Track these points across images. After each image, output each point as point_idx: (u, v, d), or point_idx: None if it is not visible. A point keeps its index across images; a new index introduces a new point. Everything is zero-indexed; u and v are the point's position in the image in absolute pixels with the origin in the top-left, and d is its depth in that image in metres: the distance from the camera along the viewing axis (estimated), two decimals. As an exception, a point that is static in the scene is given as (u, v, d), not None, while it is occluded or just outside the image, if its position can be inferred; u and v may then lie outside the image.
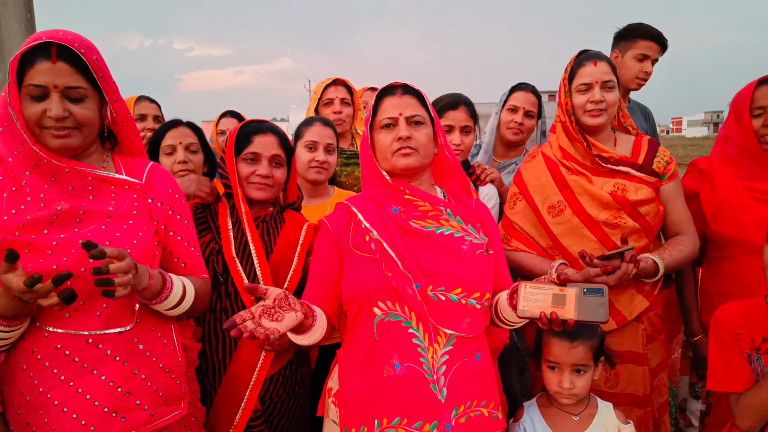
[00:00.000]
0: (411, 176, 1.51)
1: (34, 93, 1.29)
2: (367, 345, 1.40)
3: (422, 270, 1.39)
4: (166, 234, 1.48)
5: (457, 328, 1.37)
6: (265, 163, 1.77)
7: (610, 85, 1.89)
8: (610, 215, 1.88)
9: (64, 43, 1.28)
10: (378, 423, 1.36)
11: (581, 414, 1.63)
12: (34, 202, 1.31)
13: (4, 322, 1.24)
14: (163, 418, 1.40)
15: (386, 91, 1.52)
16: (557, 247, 1.96)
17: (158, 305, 1.38)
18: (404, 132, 1.45)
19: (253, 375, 1.67)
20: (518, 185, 2.08)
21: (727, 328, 1.53)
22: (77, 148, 1.37)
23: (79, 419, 1.29)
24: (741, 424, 1.48)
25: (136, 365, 1.36)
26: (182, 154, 2.15)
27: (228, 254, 1.71)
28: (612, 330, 1.89)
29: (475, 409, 1.38)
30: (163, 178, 1.52)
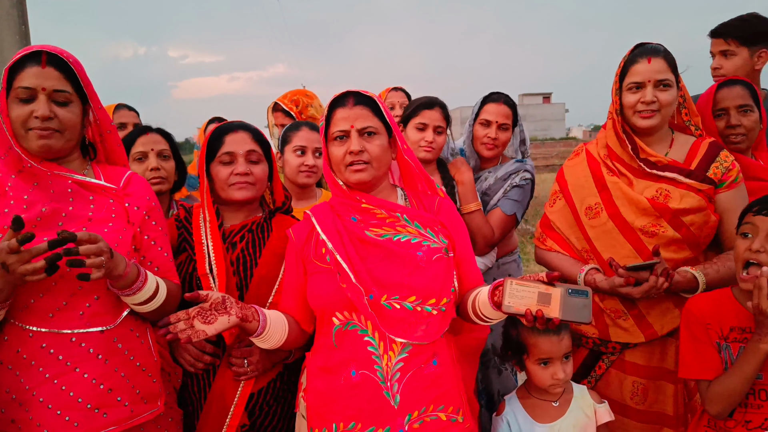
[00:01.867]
0: (367, 188, 1.52)
1: (22, 95, 1.37)
2: (328, 352, 1.44)
3: (375, 280, 1.40)
4: (141, 237, 1.52)
5: (410, 336, 1.38)
6: (242, 160, 1.69)
7: (665, 83, 1.73)
8: (647, 222, 1.76)
9: (54, 52, 1.40)
10: (336, 426, 1.40)
11: (559, 399, 1.70)
12: (17, 205, 1.36)
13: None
14: (141, 414, 1.45)
15: (338, 101, 1.50)
16: (592, 250, 1.87)
17: (131, 296, 1.41)
18: (356, 146, 1.44)
19: (238, 390, 1.64)
20: (559, 183, 2.00)
21: (697, 319, 1.56)
22: (58, 150, 1.43)
23: (63, 415, 1.33)
24: (711, 409, 1.51)
25: (117, 363, 1.41)
26: (154, 160, 2.10)
27: (201, 270, 1.65)
28: (640, 343, 1.82)
29: (431, 414, 1.39)
30: (141, 185, 1.59)
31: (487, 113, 2.31)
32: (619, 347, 1.85)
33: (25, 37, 4.61)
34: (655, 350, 1.82)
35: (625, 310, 1.80)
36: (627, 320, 1.81)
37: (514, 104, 2.35)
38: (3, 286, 1.24)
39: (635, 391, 1.83)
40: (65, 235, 1.21)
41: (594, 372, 1.90)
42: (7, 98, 1.38)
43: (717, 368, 1.51)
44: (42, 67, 1.37)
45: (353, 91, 1.51)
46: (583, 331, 1.88)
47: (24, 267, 1.20)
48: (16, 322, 1.35)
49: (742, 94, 2.04)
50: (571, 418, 1.67)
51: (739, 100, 2.03)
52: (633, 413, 1.82)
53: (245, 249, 1.71)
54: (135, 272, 1.40)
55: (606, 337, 1.85)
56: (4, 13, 4.46)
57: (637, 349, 1.83)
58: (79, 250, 1.23)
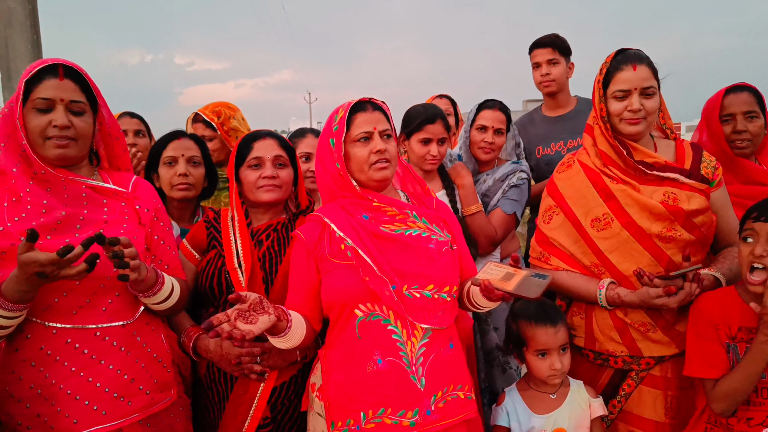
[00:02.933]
0: (384, 187, 1.62)
1: (41, 106, 1.44)
2: (350, 344, 1.50)
3: (396, 271, 1.49)
4: (152, 237, 1.61)
5: (431, 321, 1.49)
6: (269, 164, 1.81)
7: (650, 91, 1.71)
8: (663, 227, 1.71)
9: (69, 65, 1.48)
10: (364, 415, 1.46)
11: (557, 392, 1.78)
12: (35, 210, 1.42)
13: (11, 306, 1.32)
14: (160, 402, 1.55)
15: (358, 106, 1.60)
16: (604, 263, 1.78)
17: (149, 298, 1.52)
18: (381, 145, 1.55)
19: (261, 383, 1.72)
20: (554, 197, 1.90)
21: (706, 318, 1.59)
22: (73, 158, 1.51)
23: (91, 405, 1.42)
24: (716, 407, 1.54)
25: (137, 355, 1.51)
26: (183, 166, 2.11)
27: (230, 264, 1.75)
28: (674, 355, 1.76)
29: (452, 393, 1.50)
30: (147, 189, 1.68)
31: (483, 119, 2.41)
32: (653, 362, 1.77)
33: (37, 45, 4.72)
34: (683, 359, 1.72)
35: (653, 322, 1.74)
36: (656, 332, 1.74)
37: (507, 110, 2.47)
38: (29, 288, 1.31)
39: (669, 406, 1.77)
40: (111, 240, 1.30)
41: (623, 390, 1.82)
42: (23, 108, 1.44)
43: (723, 367, 1.53)
44: (60, 79, 1.45)
45: (368, 99, 1.63)
46: (610, 351, 1.80)
47: (66, 272, 1.28)
48: (37, 321, 1.42)
49: (748, 100, 2.07)
50: (567, 409, 1.74)
51: (746, 107, 2.06)
52: (668, 429, 1.77)
53: (271, 246, 1.81)
54: (153, 276, 1.50)
55: (637, 353, 1.77)
56: (17, 24, 4.57)
57: (669, 361, 1.77)
58: (124, 252, 1.32)
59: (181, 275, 1.70)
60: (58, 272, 1.27)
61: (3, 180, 1.46)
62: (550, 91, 2.88)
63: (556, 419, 1.73)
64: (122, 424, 1.45)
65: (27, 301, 1.34)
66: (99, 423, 1.41)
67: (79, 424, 1.40)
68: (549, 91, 2.88)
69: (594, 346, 1.84)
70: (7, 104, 1.47)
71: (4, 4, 4.57)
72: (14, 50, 4.60)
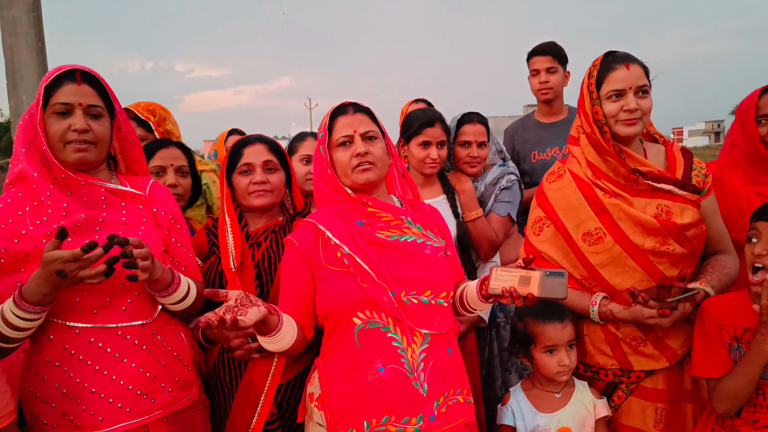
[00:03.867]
0: (371, 189, 1.60)
1: (60, 110, 1.47)
2: (349, 352, 1.48)
3: (394, 278, 1.48)
4: (169, 240, 1.64)
5: (430, 327, 1.48)
6: (259, 170, 1.83)
7: (644, 89, 1.69)
8: (656, 242, 1.68)
9: (86, 70, 1.52)
10: (367, 424, 1.44)
11: (562, 391, 1.79)
12: (56, 213, 1.46)
13: (31, 308, 1.33)
14: (181, 400, 1.57)
15: (338, 110, 1.60)
16: (595, 277, 1.76)
17: (166, 298, 1.54)
18: (361, 148, 1.53)
19: (267, 380, 1.73)
20: (544, 208, 1.85)
21: (712, 318, 1.59)
22: (92, 162, 1.54)
23: (116, 402, 1.44)
24: (718, 407, 1.55)
25: (158, 353, 1.53)
26: (173, 176, 2.10)
27: (226, 266, 1.76)
28: (664, 368, 1.76)
29: (452, 398, 1.50)
30: (163, 192, 1.71)
31: (466, 135, 2.43)
32: (643, 375, 1.78)
33: (41, 53, 4.76)
34: (674, 372, 1.77)
35: (643, 336, 1.75)
36: (647, 346, 1.75)
37: (486, 120, 2.49)
38: (50, 290, 1.33)
39: (659, 418, 1.77)
40: (120, 240, 1.32)
41: (613, 402, 1.82)
42: (43, 114, 1.47)
43: (726, 367, 1.54)
44: (78, 84, 1.49)
45: (351, 101, 1.62)
46: (600, 364, 1.81)
47: (86, 272, 1.31)
48: (59, 321, 1.44)
49: None
50: (571, 409, 1.76)
51: None
52: None
53: (269, 247, 1.83)
54: (170, 276, 1.53)
55: (628, 367, 1.77)
56: (22, 32, 4.61)
57: (660, 373, 1.77)
58: (134, 253, 1.34)
59: (198, 277, 1.72)
60: (78, 272, 1.30)
61: (25, 185, 1.49)
62: (546, 99, 2.93)
63: (560, 418, 1.75)
64: (146, 420, 1.47)
65: (46, 303, 1.35)
66: (124, 420, 1.44)
67: (105, 421, 1.42)
68: (546, 98, 2.93)
69: (585, 359, 1.85)
70: (27, 111, 1.50)
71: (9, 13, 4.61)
72: (19, 59, 4.64)
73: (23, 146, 1.49)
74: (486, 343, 2.45)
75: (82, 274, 1.30)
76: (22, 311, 1.33)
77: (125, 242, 1.33)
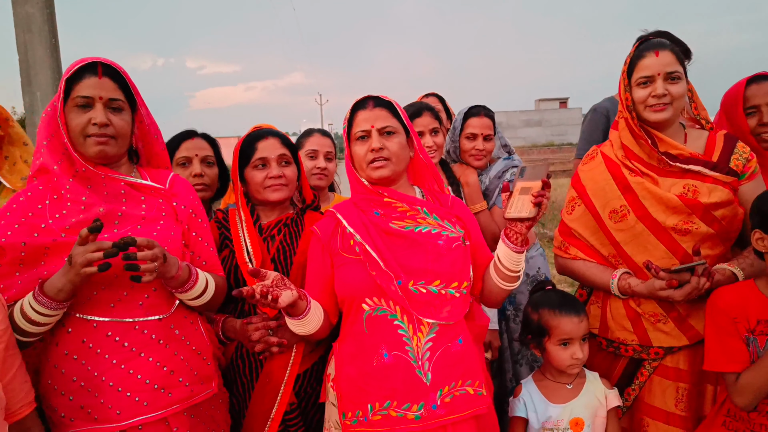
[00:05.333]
0: (388, 184, 1.63)
1: (80, 103, 1.47)
2: (358, 338, 1.53)
3: (403, 267, 1.51)
4: (189, 234, 1.64)
5: (437, 317, 1.49)
6: (274, 164, 1.83)
7: (675, 75, 1.70)
8: (679, 220, 1.70)
9: (107, 63, 1.51)
10: (371, 407, 1.49)
11: (573, 383, 1.80)
12: (75, 207, 1.47)
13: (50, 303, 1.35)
14: (200, 394, 1.57)
15: (359, 104, 1.63)
16: (620, 255, 1.81)
17: (183, 294, 1.54)
18: (376, 144, 1.56)
19: (287, 370, 1.75)
20: (576, 189, 1.92)
21: (724, 312, 1.57)
22: (112, 156, 1.54)
23: (133, 396, 1.45)
24: (739, 401, 1.53)
25: (176, 348, 1.53)
26: (198, 166, 2.11)
27: (241, 260, 1.78)
28: (684, 347, 1.77)
29: (460, 389, 1.50)
30: (184, 185, 1.70)
31: (472, 127, 2.45)
32: (662, 352, 1.79)
33: (55, 50, 4.81)
34: (698, 353, 1.74)
35: (665, 313, 1.76)
36: (667, 323, 1.76)
37: (492, 114, 2.51)
38: (63, 285, 1.34)
39: (680, 398, 1.78)
40: (127, 240, 1.31)
41: (637, 379, 1.85)
42: (64, 107, 1.48)
43: (744, 360, 1.53)
44: (99, 77, 1.48)
45: (372, 95, 1.64)
46: (621, 339, 1.84)
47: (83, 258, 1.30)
48: (77, 315, 1.45)
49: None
50: (583, 399, 1.76)
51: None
52: (679, 421, 1.78)
53: (284, 240, 1.85)
54: (186, 273, 1.52)
55: (647, 343, 1.80)
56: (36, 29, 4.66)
57: (681, 353, 1.78)
58: (137, 255, 1.33)
59: (219, 271, 1.71)
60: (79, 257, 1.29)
61: (46, 178, 1.50)
62: None
63: (573, 409, 1.75)
64: (164, 414, 1.47)
65: (62, 300, 1.36)
66: (141, 414, 1.44)
67: (123, 415, 1.43)
68: None
69: (607, 334, 1.88)
70: (50, 103, 1.50)
71: (23, 9, 4.67)
72: (33, 55, 4.69)
73: (45, 139, 1.50)
74: (496, 336, 2.46)
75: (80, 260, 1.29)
76: (39, 305, 1.34)
77: (132, 242, 1.32)
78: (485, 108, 2.50)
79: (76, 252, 1.31)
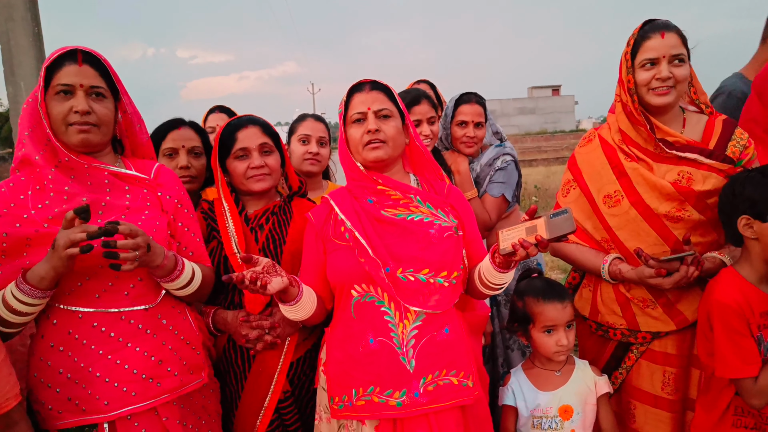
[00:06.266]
0: (382, 168, 1.62)
1: (61, 91, 1.45)
2: (346, 323, 1.55)
3: (392, 255, 1.52)
4: (175, 225, 1.62)
5: (424, 305, 1.49)
6: (256, 154, 1.81)
7: (679, 58, 1.66)
8: (672, 207, 1.70)
9: (87, 51, 1.49)
10: (355, 392, 1.50)
11: (562, 370, 1.80)
12: (57, 197, 1.45)
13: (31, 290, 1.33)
14: (189, 384, 1.57)
15: (355, 87, 1.62)
16: (613, 240, 1.81)
17: (169, 284, 1.53)
18: (372, 125, 1.56)
19: (280, 359, 1.76)
20: (572, 171, 1.92)
21: (737, 313, 1.52)
22: (96, 145, 1.51)
23: (121, 387, 1.44)
24: (756, 404, 1.52)
25: (164, 338, 1.52)
26: (185, 158, 2.06)
27: (229, 250, 1.76)
28: (671, 332, 1.78)
29: (443, 378, 1.49)
30: (170, 176, 1.68)
31: (463, 114, 2.43)
32: (650, 337, 1.81)
33: (38, 39, 4.72)
34: (686, 338, 1.78)
35: (653, 299, 1.77)
36: (656, 309, 1.78)
37: (483, 101, 2.50)
38: (46, 272, 1.32)
39: (666, 381, 1.80)
40: (109, 228, 1.29)
41: (625, 363, 1.87)
42: (45, 96, 1.46)
43: (757, 361, 1.51)
44: (79, 65, 1.46)
45: (369, 79, 1.63)
46: (610, 323, 1.85)
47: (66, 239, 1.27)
48: (62, 306, 1.44)
49: None
50: (572, 386, 1.77)
51: None
52: (666, 404, 1.80)
53: (272, 229, 1.83)
54: (172, 263, 1.51)
55: (635, 327, 1.81)
56: (18, 17, 4.57)
57: (668, 338, 1.79)
58: (117, 243, 1.31)
59: (207, 262, 1.70)
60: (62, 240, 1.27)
61: (29, 169, 1.48)
62: None
63: (561, 396, 1.75)
64: (154, 404, 1.47)
65: (44, 288, 1.34)
66: (130, 404, 1.44)
67: (111, 405, 1.42)
68: None
69: (597, 318, 1.90)
70: (31, 94, 1.48)
71: (5, -3, 4.57)
72: (16, 44, 4.60)
73: (27, 129, 1.48)
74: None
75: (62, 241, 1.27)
76: (22, 293, 1.33)
77: (114, 230, 1.30)
78: (476, 95, 2.49)
79: (60, 235, 1.29)
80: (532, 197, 10.57)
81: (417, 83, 3.38)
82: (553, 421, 1.74)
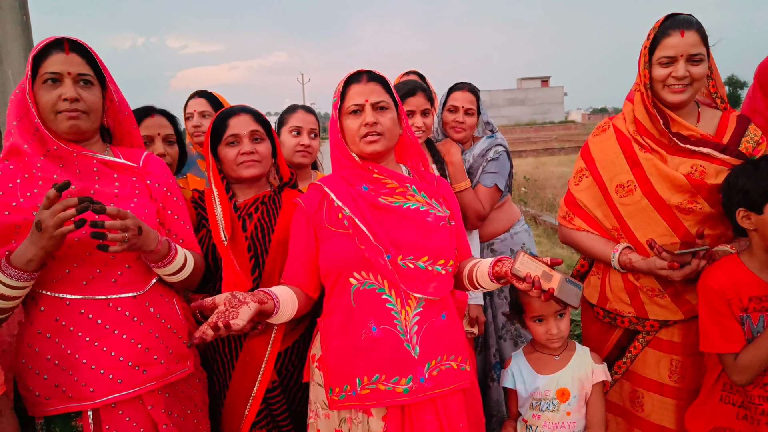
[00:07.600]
0: (378, 158, 1.61)
1: (49, 79, 1.46)
2: (346, 312, 1.51)
3: (392, 241, 1.51)
4: (165, 212, 1.63)
5: (424, 291, 1.50)
6: (246, 140, 1.82)
7: (697, 58, 1.65)
8: (683, 199, 1.71)
9: (74, 40, 1.50)
10: (359, 381, 1.49)
11: (561, 354, 1.83)
12: (46, 185, 1.44)
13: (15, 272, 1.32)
14: (176, 372, 1.57)
15: (352, 78, 1.61)
16: (623, 229, 1.82)
17: (162, 269, 1.53)
18: (370, 118, 1.55)
19: (267, 348, 1.76)
20: (585, 160, 1.93)
21: (717, 293, 1.58)
22: (84, 132, 1.52)
23: (107, 374, 1.44)
24: (738, 379, 1.56)
25: (151, 326, 1.52)
26: (161, 146, 2.05)
27: (217, 238, 1.75)
28: (679, 321, 1.79)
29: (445, 363, 1.51)
30: (158, 164, 1.69)
31: (454, 100, 2.47)
32: (657, 325, 1.82)
33: (26, 28, 4.66)
34: (693, 327, 1.76)
35: (662, 289, 1.78)
36: (664, 298, 1.79)
37: (477, 91, 2.53)
38: (34, 254, 1.31)
39: (673, 369, 1.81)
40: (96, 208, 1.28)
41: (629, 352, 1.88)
42: (33, 85, 1.47)
43: (741, 340, 1.55)
44: (66, 53, 1.47)
45: (366, 69, 1.62)
46: (618, 311, 1.88)
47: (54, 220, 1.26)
48: (50, 293, 1.44)
49: None
50: (570, 371, 1.79)
51: None
52: (672, 392, 1.81)
53: (261, 218, 1.83)
54: (166, 248, 1.51)
55: (643, 315, 1.82)
56: (6, 5, 4.51)
57: (675, 326, 1.80)
58: (105, 224, 1.31)
59: (196, 249, 1.71)
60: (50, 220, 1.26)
61: (18, 159, 1.48)
62: None
63: (559, 379, 1.78)
64: (139, 392, 1.47)
65: (31, 270, 1.34)
66: (115, 391, 1.44)
67: (96, 393, 1.43)
68: None
69: (605, 305, 1.92)
70: (18, 85, 1.49)
71: (-10, -14, 4.49)
72: (4, 33, 4.54)
73: (15, 119, 1.48)
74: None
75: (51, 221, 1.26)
76: (8, 277, 1.32)
77: (101, 210, 1.29)
78: (470, 84, 2.51)
79: (43, 216, 1.27)
80: (521, 188, 10.60)
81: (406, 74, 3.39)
82: (551, 403, 1.77)
